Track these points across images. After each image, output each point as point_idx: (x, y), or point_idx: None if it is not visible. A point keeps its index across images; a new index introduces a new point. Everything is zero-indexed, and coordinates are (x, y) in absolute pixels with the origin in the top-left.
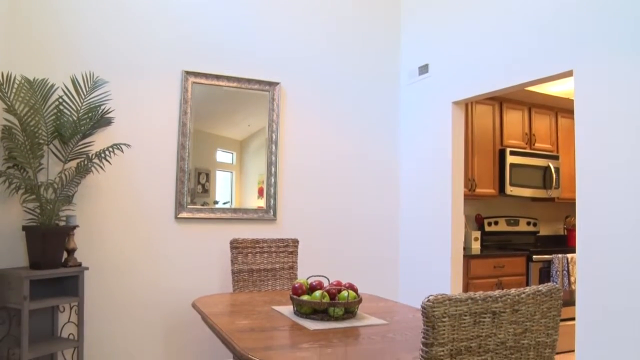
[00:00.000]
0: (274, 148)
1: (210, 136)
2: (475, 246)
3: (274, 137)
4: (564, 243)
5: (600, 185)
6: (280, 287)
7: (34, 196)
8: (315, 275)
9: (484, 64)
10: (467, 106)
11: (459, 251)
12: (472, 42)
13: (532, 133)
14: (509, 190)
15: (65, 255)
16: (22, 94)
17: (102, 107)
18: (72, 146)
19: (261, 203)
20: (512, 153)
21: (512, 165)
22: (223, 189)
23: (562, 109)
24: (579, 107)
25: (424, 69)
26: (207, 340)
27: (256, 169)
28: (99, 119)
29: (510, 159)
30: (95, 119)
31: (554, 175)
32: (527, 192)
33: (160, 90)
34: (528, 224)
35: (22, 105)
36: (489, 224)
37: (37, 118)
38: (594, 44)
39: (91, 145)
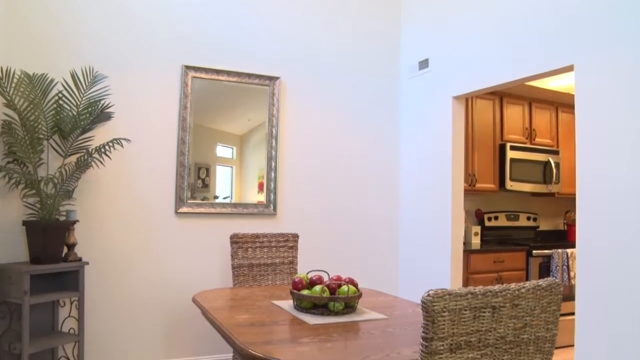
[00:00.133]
0: (274, 143)
1: (210, 131)
2: (475, 241)
3: (274, 131)
4: (564, 238)
5: (600, 180)
6: (280, 281)
7: (34, 191)
8: (315, 270)
9: (484, 59)
10: (468, 101)
11: (459, 246)
12: (472, 37)
13: (532, 128)
14: (509, 185)
15: (65, 250)
16: (22, 89)
17: (102, 102)
18: (72, 141)
19: (261, 198)
20: (513, 148)
21: (512, 160)
22: (223, 183)
23: (562, 103)
24: (579, 102)
25: (424, 64)
26: (208, 334)
27: (256, 163)
28: (98, 113)
29: (510, 154)
30: (95, 113)
31: (554, 170)
32: (527, 187)
33: (160, 84)
34: (528, 219)
35: (22, 100)
36: (489, 219)
37: (36, 113)
38: (595, 39)
39: (91, 140)
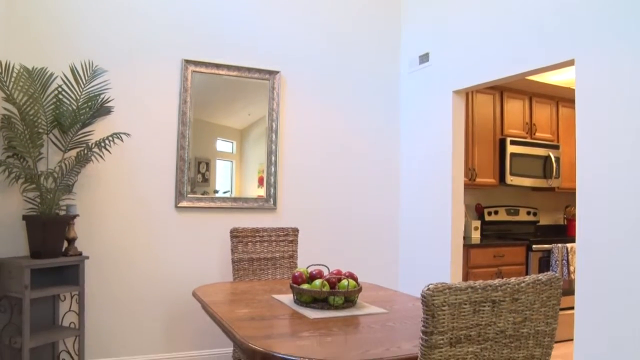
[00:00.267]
0: (274, 137)
1: (210, 125)
2: (475, 235)
3: (274, 126)
4: (564, 233)
5: (600, 175)
6: (280, 276)
7: (34, 185)
8: (316, 264)
9: (485, 53)
10: (468, 95)
11: (459, 240)
12: (473, 31)
13: (532, 122)
14: (509, 179)
15: (65, 244)
16: (21, 83)
17: (102, 96)
18: (71, 135)
19: (261, 192)
20: (513, 142)
21: (512, 154)
22: (223, 178)
23: (563, 98)
24: (580, 97)
25: (424, 58)
26: (208, 328)
27: (256, 158)
28: (98, 108)
29: (510, 149)
30: (94, 108)
31: (554, 165)
32: (527, 182)
33: (160, 79)
34: (528, 213)
35: (21, 94)
36: (489, 214)
37: (36, 107)
38: (596, 33)
39: (91, 134)
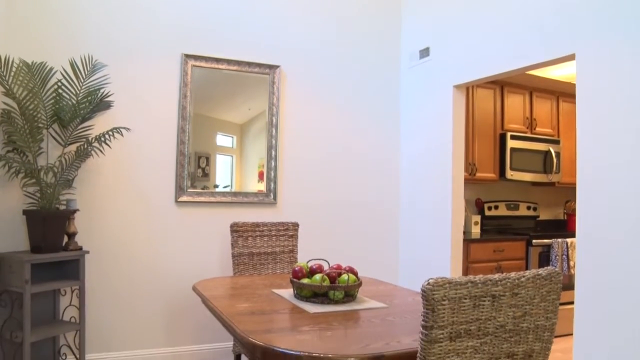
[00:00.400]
0: (274, 132)
1: (210, 120)
2: (475, 230)
3: (274, 120)
4: (564, 228)
5: (601, 170)
6: (280, 270)
7: (34, 180)
8: (316, 259)
9: (485, 48)
10: (468, 90)
11: (459, 235)
12: (473, 25)
13: (533, 117)
14: (510, 174)
15: (65, 239)
16: (21, 78)
17: (102, 91)
18: (71, 130)
19: (261, 187)
20: (513, 137)
21: (512, 149)
22: (223, 172)
23: (563, 93)
24: (580, 92)
25: (424, 52)
26: (208, 323)
27: (256, 152)
28: (98, 102)
29: (510, 143)
30: (94, 102)
31: (555, 160)
32: (527, 177)
33: (159, 73)
34: (528, 208)
35: (21, 89)
36: (489, 208)
37: (36, 102)
38: (597, 28)
39: (91, 129)
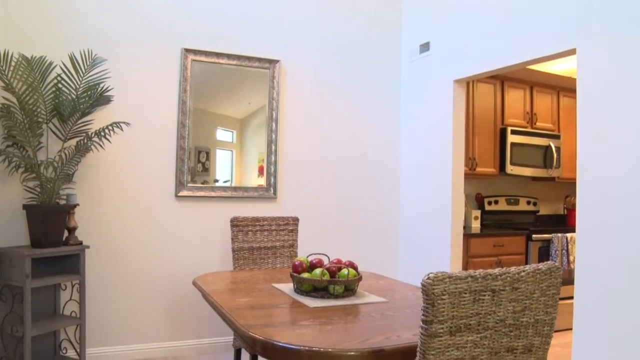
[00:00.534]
0: (274, 126)
1: (210, 114)
2: (475, 225)
3: (274, 115)
4: (564, 222)
5: (601, 165)
6: (280, 264)
7: (34, 175)
8: (316, 253)
9: (486, 42)
10: (469, 85)
11: (459, 230)
12: (474, 20)
13: (533, 112)
14: (510, 169)
15: (66, 233)
16: (20, 72)
17: (101, 85)
18: (71, 125)
19: (261, 181)
20: (513, 132)
21: (512, 144)
22: (223, 167)
23: (564, 87)
24: (581, 86)
25: (425, 47)
26: (208, 317)
27: (256, 147)
28: (98, 97)
29: (511, 138)
30: (94, 97)
31: (555, 155)
32: (527, 172)
33: (159, 68)
34: (528, 203)
35: (21, 83)
36: (489, 203)
37: (35, 96)
38: (598, 22)
39: (90, 123)
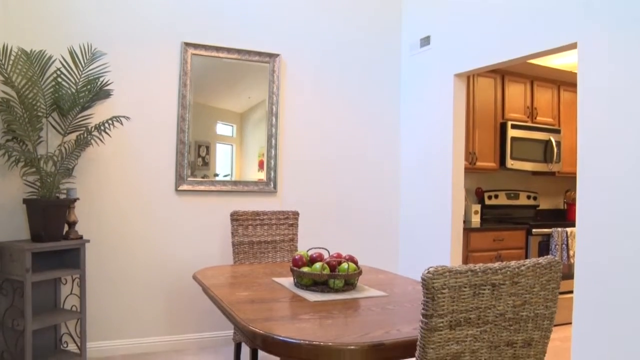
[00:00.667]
0: (274, 120)
1: (211, 109)
2: (475, 219)
3: (274, 109)
4: (564, 217)
5: (601, 160)
6: (280, 259)
7: (34, 169)
8: (316, 248)
9: (486, 36)
10: (469, 79)
11: (459, 224)
12: (474, 14)
13: (533, 106)
14: (510, 163)
15: (66, 228)
16: (20, 66)
17: (101, 79)
18: (71, 119)
19: (261, 175)
20: (514, 126)
21: (513, 138)
22: (223, 161)
23: (564, 82)
24: (582, 81)
25: (425, 41)
26: (208, 311)
27: (256, 141)
28: (97, 91)
29: (511, 133)
30: (94, 91)
31: (555, 149)
32: (527, 166)
33: (159, 62)
34: (528, 197)
35: (20, 77)
36: (489, 198)
37: (35, 90)
38: (599, 16)
39: (90, 117)
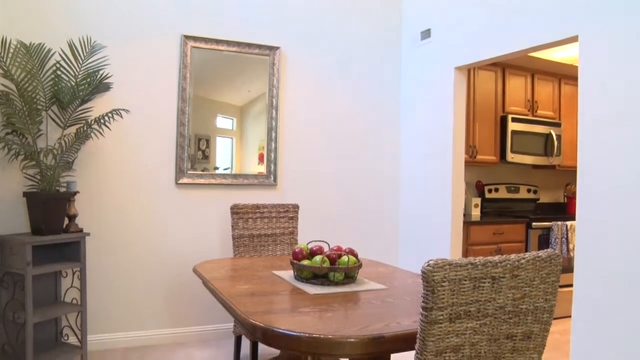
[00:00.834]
0: (274, 113)
1: (210, 102)
2: (475, 213)
3: (274, 102)
4: (564, 211)
5: (601, 154)
6: (280, 252)
7: (33, 162)
8: (316, 241)
9: (487, 29)
10: (470, 72)
11: (459, 217)
12: (475, 7)
13: (534, 100)
14: (510, 157)
15: (66, 221)
16: (19, 59)
17: (101, 72)
18: (71, 112)
19: (261, 169)
20: (514, 120)
21: (513, 132)
22: (223, 154)
23: (565, 75)
24: (582, 74)
25: (426, 34)
26: (208, 304)
27: (256, 134)
28: (97, 84)
29: (511, 126)
30: (93, 84)
31: (556, 143)
32: (528, 159)
33: (159, 55)
34: (528, 191)
35: (19, 70)
36: (489, 191)
37: (34, 83)
38: (600, 9)
39: (90, 111)
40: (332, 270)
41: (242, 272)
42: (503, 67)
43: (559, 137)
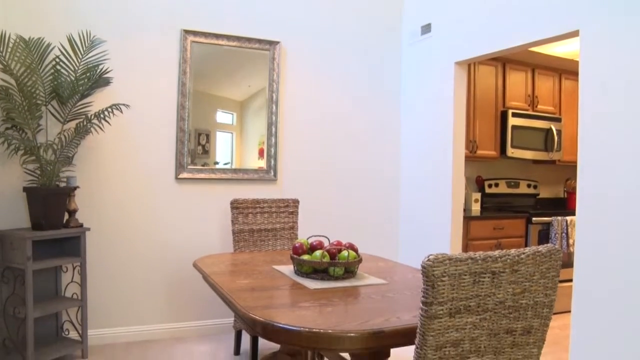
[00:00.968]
0: (274, 108)
1: (210, 96)
2: (475, 208)
3: (275, 97)
4: (564, 206)
5: (602, 149)
6: (280, 247)
7: (33, 157)
8: (316, 235)
9: (487, 24)
10: (470, 67)
11: (459, 212)
12: (476, 1)
13: (534, 95)
14: (510, 152)
15: (66, 216)
16: (18, 54)
17: (100, 67)
18: (70, 107)
19: (262, 163)
20: (514, 115)
21: (513, 127)
22: (223, 149)
23: (565, 70)
24: (583, 69)
25: (426, 29)
26: (209, 299)
27: (257, 129)
28: (97, 79)
29: (512, 121)
30: (93, 79)
31: (556, 138)
32: (528, 154)
33: (158, 49)
34: (528, 186)
35: (19, 65)
36: (490, 186)
37: (34, 78)
38: (601, 4)
39: (90, 105)
40: (332, 265)
41: (242, 266)
42: (503, 62)
43: (559, 132)
